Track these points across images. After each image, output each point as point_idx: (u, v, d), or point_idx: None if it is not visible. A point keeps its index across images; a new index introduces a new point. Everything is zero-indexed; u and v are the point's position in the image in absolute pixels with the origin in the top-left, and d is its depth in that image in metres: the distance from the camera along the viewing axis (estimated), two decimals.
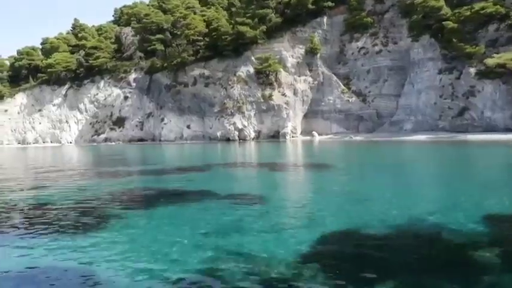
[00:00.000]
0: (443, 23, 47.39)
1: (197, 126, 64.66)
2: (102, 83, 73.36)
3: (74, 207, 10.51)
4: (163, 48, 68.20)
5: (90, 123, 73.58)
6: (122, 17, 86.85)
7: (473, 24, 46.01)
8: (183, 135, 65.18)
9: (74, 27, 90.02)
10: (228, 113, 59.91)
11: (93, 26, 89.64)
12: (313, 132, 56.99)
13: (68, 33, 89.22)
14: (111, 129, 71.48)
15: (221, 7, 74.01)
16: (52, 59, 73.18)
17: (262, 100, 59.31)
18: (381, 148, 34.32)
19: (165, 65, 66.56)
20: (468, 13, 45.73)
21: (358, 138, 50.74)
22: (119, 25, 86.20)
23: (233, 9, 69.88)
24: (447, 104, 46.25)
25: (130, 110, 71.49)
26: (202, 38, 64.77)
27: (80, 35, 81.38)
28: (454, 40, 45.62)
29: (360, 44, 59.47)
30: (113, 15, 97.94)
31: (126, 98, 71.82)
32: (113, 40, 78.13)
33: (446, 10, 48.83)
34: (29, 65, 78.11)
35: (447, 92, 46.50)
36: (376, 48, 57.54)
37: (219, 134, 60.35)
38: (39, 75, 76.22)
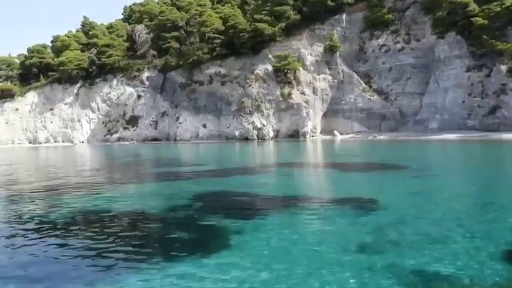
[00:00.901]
0: (472, 19, 46.20)
1: (213, 126, 63.45)
2: (114, 82, 72.16)
3: (163, 217, 9.24)
4: (178, 45, 67.03)
5: (103, 123, 72.38)
6: (133, 15, 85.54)
7: (504, 20, 44.86)
8: (199, 135, 63.98)
9: (83, 25, 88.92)
10: (247, 111, 58.72)
11: (102, 24, 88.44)
12: (335, 131, 55.80)
13: (77, 31, 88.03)
14: (125, 128, 70.29)
15: (235, 4, 72.65)
16: (64, 57, 71.97)
17: (281, 99, 58.13)
18: (421, 147, 33.08)
19: (181, 63, 65.35)
20: (498, 9, 44.62)
21: (382, 137, 49.59)
22: (129, 23, 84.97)
23: (246, 7, 68.69)
24: (477, 103, 45.10)
25: (144, 109, 70.32)
26: (218, 36, 63.45)
27: (90, 32, 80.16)
28: (485, 37, 44.45)
29: (380, 41, 58.33)
30: (122, 13, 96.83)
31: (139, 96, 70.64)
32: (124, 38, 76.89)
33: (473, 6, 47.68)
34: (39, 63, 76.84)
35: (476, 90, 45.35)
36: (398, 46, 56.38)
37: (237, 133, 59.14)
38: (50, 73, 74.99)
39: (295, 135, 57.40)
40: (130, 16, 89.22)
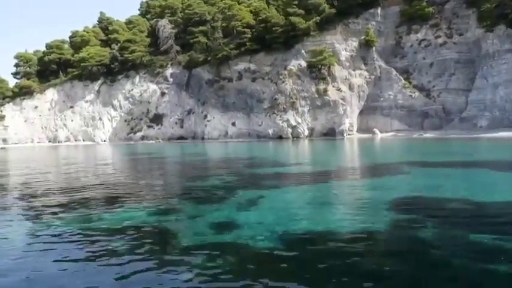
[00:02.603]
0: None
1: (243, 124, 61.18)
2: (137, 78, 69.88)
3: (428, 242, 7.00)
4: (206, 40, 64.71)
5: (125, 121, 70.10)
6: (152, 10, 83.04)
7: None
8: (228, 133, 61.69)
9: (100, 20, 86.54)
10: (280, 109, 56.47)
11: (118, 20, 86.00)
12: (375, 129, 53.51)
13: (94, 27, 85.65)
14: (149, 126, 68.06)
15: None
16: (85, 52, 69.64)
17: (316, 95, 55.87)
18: (494, 145, 30.69)
19: (209, 58, 62.98)
20: None
21: (429, 135, 47.30)
22: (147, 19, 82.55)
23: (271, 1, 66.38)
24: None
25: (168, 106, 68.09)
26: (249, 30, 61.11)
27: (110, 28, 77.83)
28: None
29: (419, 36, 56.16)
30: (138, 9, 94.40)
31: (163, 94, 68.40)
32: (146, 33, 74.59)
33: None
34: (58, 59, 74.47)
35: None
36: (440, 40, 54.18)
37: (270, 131, 56.85)
38: (70, 70, 72.68)
39: (330, 133, 55.15)
40: (148, 11, 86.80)
